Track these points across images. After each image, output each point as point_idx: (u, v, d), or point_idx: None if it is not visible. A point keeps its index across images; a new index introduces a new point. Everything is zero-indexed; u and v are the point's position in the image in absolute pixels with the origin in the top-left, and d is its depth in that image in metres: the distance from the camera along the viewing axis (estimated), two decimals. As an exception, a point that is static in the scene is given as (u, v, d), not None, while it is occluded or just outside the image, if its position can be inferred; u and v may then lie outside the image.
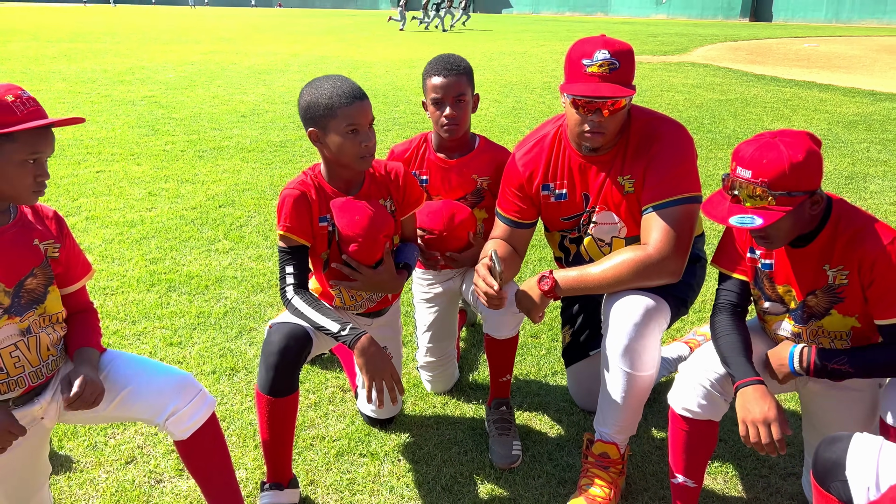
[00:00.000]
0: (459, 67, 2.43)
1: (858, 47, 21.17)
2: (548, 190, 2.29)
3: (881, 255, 1.73)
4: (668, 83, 12.05)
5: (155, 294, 3.60)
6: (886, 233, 1.75)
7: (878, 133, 7.99)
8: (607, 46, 2.02)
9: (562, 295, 2.18)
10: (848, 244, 1.78)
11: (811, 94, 10.91)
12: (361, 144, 2.04)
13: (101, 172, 5.84)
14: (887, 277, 1.74)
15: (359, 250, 2.12)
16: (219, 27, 28.00)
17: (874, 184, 5.87)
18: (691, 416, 1.94)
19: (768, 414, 1.77)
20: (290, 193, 2.09)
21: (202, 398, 1.79)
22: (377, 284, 2.20)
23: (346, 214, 2.11)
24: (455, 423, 2.64)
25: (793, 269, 1.89)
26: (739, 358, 1.88)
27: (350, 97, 2.01)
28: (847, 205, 1.84)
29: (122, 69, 12.88)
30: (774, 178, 1.67)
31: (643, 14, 50.13)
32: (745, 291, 2.02)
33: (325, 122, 2.02)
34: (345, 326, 1.98)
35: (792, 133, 1.73)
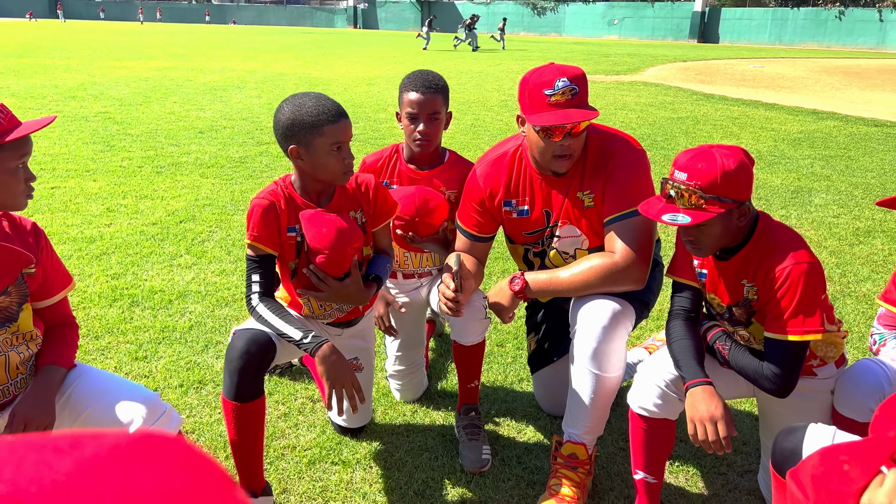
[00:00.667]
0: (437, 86, 2.49)
1: (801, 68, 22.07)
2: (510, 206, 2.37)
3: (781, 274, 1.85)
4: (621, 102, 12.37)
5: (118, 309, 3.56)
6: (798, 254, 1.86)
7: (821, 150, 8.34)
8: (564, 74, 2.11)
9: (531, 296, 2.26)
10: (761, 263, 1.91)
11: (758, 113, 11.33)
12: (345, 161, 2.09)
13: (56, 189, 5.73)
14: (781, 296, 1.86)
15: (326, 262, 2.16)
16: (172, 43, 27.68)
17: (818, 197, 6.14)
18: (648, 414, 2.04)
19: (715, 413, 1.88)
20: (259, 203, 2.12)
21: (168, 418, 1.76)
22: (344, 296, 2.23)
23: (315, 227, 2.14)
24: (425, 430, 2.68)
25: (719, 280, 2.03)
26: (690, 361, 1.99)
27: (336, 115, 2.06)
28: (773, 224, 1.96)
29: (73, 85, 12.64)
30: (707, 182, 1.81)
31: (596, 34, 51.34)
32: (696, 298, 2.14)
33: (309, 139, 2.05)
34: (307, 334, 2.01)
35: (728, 146, 1.89)
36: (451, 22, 59.12)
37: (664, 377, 2.04)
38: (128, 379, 2.34)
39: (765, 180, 6.69)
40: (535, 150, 2.23)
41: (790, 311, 1.85)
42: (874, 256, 4.66)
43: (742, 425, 2.74)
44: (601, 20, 51.85)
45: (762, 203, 5.89)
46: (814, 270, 1.86)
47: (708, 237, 1.89)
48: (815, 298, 1.86)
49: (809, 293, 1.84)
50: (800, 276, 1.83)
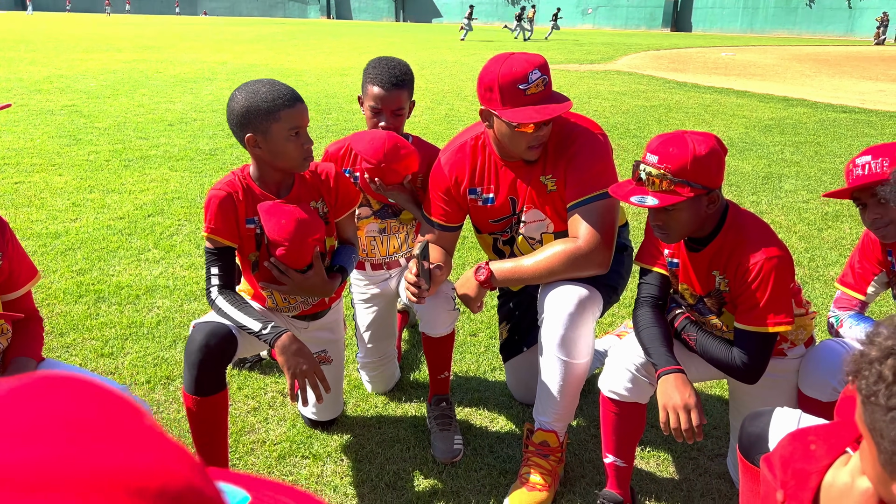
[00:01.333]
0: (402, 81, 2.43)
1: (771, 56, 22.30)
2: (475, 194, 2.35)
3: (753, 268, 1.86)
4: (595, 90, 12.40)
5: (83, 305, 3.49)
6: (769, 249, 1.87)
7: (791, 136, 8.43)
8: (533, 65, 2.09)
9: (497, 285, 2.25)
10: (731, 255, 1.92)
11: (729, 100, 11.43)
12: (304, 146, 2.05)
13: (20, 184, 5.61)
14: (752, 289, 1.87)
15: (286, 254, 2.12)
16: (141, 35, 27.22)
17: (788, 183, 6.20)
18: (619, 398, 2.05)
19: (688, 401, 1.89)
20: (215, 194, 2.08)
21: None
22: (307, 289, 2.20)
23: (273, 218, 2.10)
24: (397, 422, 2.66)
25: (690, 271, 2.03)
26: (660, 348, 1.99)
27: (292, 99, 2.02)
28: (744, 215, 1.96)
29: (38, 78, 12.38)
30: (677, 165, 1.81)
31: (570, 24, 51.39)
32: (664, 285, 2.14)
33: (266, 125, 2.00)
34: (266, 325, 1.98)
35: (701, 133, 1.89)
36: (425, 12, 58.84)
37: (635, 361, 2.05)
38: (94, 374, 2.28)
39: (736, 167, 6.74)
40: (507, 142, 2.20)
41: (762, 305, 1.86)
42: (842, 241, 4.72)
43: (712, 410, 2.76)
44: (575, 9, 51.95)
45: (733, 189, 5.94)
46: (784, 263, 1.87)
47: (676, 222, 1.89)
48: (785, 291, 1.87)
49: (780, 286, 1.86)
50: (771, 270, 1.84)
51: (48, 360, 1.79)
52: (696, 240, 1.98)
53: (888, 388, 0.88)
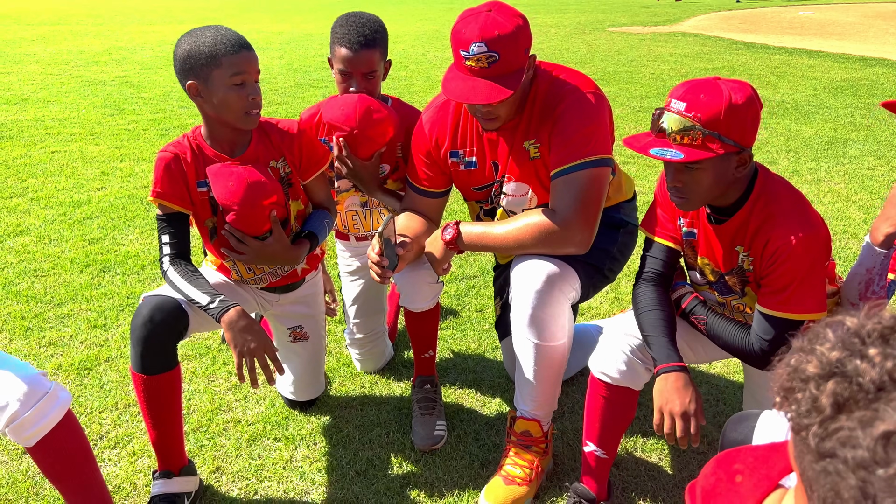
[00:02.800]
0: (373, 40, 2.18)
1: (854, 14, 20.80)
2: (456, 157, 2.12)
3: (783, 247, 1.58)
4: (654, 53, 11.79)
5: (87, 275, 3.44)
6: (800, 225, 1.57)
7: (865, 98, 7.77)
8: (484, 35, 1.77)
9: (464, 248, 2.03)
10: (759, 229, 1.64)
11: (800, 61, 10.66)
12: (248, 98, 1.88)
13: (56, 153, 5.66)
14: (780, 271, 1.60)
15: (238, 220, 1.95)
16: (205, 7, 27.58)
17: (854, 148, 5.68)
18: (611, 381, 1.83)
19: (689, 407, 1.67)
20: (162, 157, 1.93)
21: (51, 400, 1.57)
22: (267, 256, 2.03)
23: (221, 181, 1.93)
24: (381, 404, 2.50)
25: (712, 244, 1.76)
26: (662, 339, 1.75)
27: (236, 45, 1.85)
28: (775, 183, 1.67)
29: (98, 50, 12.63)
30: (709, 115, 1.52)
31: (639, -14, 49.31)
32: (671, 259, 1.88)
33: (207, 72, 1.84)
34: (214, 299, 1.83)
35: (736, 81, 1.59)
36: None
37: (630, 342, 1.82)
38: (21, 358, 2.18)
39: (797, 131, 6.23)
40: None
41: (791, 289, 1.59)
42: (908, 211, 4.25)
43: (731, 398, 2.48)
44: (645, -30, 49.77)
45: (791, 155, 5.48)
46: (819, 242, 1.58)
47: (698, 185, 1.61)
48: (818, 274, 1.60)
49: (813, 269, 1.58)
50: (804, 250, 1.56)
51: None
52: (718, 209, 1.70)
53: (822, 425, 0.62)
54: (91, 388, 2.54)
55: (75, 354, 2.75)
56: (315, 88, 8.70)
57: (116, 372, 2.64)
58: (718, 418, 2.39)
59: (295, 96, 8.04)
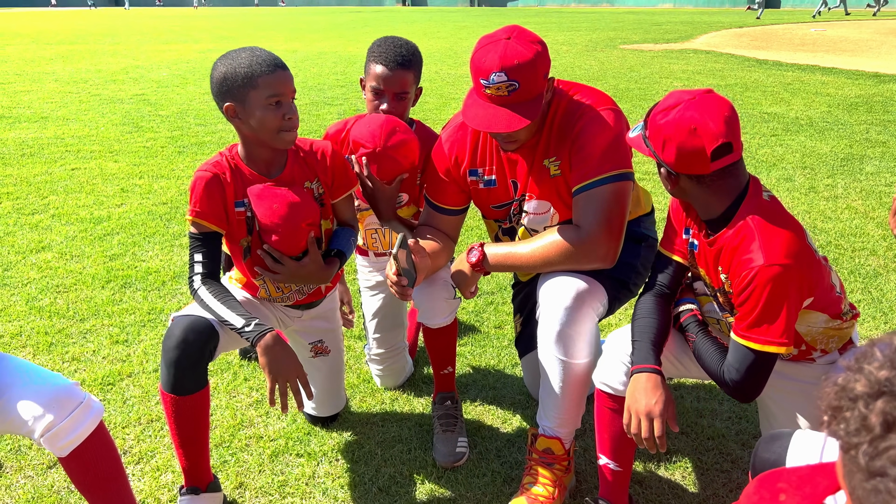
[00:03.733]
0: (409, 61, 2.23)
1: (866, 31, 20.78)
2: (476, 175, 2.14)
3: (748, 274, 1.55)
4: (667, 70, 11.82)
5: (108, 291, 3.48)
6: (772, 253, 1.54)
7: (880, 114, 7.75)
8: (504, 63, 1.79)
9: (490, 270, 2.05)
10: (735, 251, 1.62)
11: (813, 78, 10.65)
12: (285, 117, 1.90)
13: (76, 170, 5.73)
14: (745, 298, 1.58)
15: (280, 241, 1.98)
16: (220, 26, 27.95)
17: (870, 165, 5.66)
18: (614, 392, 1.84)
19: (654, 408, 1.68)
20: (201, 176, 1.95)
21: (85, 410, 1.60)
22: (303, 276, 2.05)
23: (264, 203, 1.97)
24: (402, 420, 2.50)
25: (706, 259, 1.76)
26: (645, 343, 1.78)
27: (271, 66, 1.88)
28: (759, 205, 1.62)
29: (116, 69, 12.81)
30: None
31: (649, 4, 49.68)
32: (677, 274, 1.89)
33: (244, 93, 1.87)
34: (249, 322, 1.83)
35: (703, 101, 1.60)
36: (501, -4, 58.18)
37: (630, 352, 1.82)
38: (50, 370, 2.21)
39: (812, 147, 6.22)
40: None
41: (752, 318, 1.57)
42: (927, 228, 4.23)
43: (753, 416, 2.47)
44: (656, -12, 50.07)
45: (807, 172, 5.46)
46: (788, 275, 1.52)
47: None
48: (782, 307, 1.54)
49: (776, 300, 1.54)
50: (768, 280, 1.52)
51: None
52: (710, 224, 1.71)
53: (873, 444, 0.62)
54: (114, 404, 2.56)
55: (98, 370, 2.77)
56: (330, 106, 8.78)
57: (139, 387, 2.66)
58: (741, 436, 2.38)
59: (310, 114, 8.11)
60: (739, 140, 1.61)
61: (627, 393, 1.72)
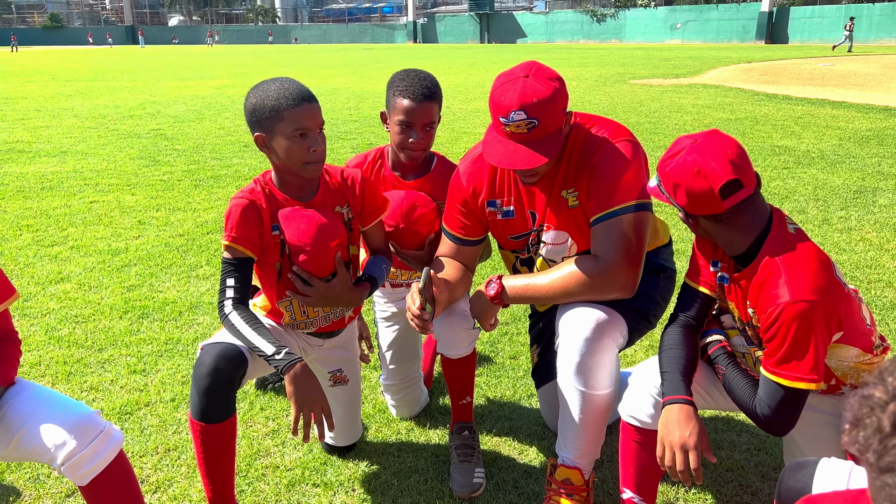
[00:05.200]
0: (434, 92, 2.28)
1: (875, 65, 20.93)
2: (494, 206, 2.17)
3: (775, 310, 1.56)
4: (677, 104, 11.93)
5: (126, 321, 3.51)
6: (799, 290, 1.54)
7: (891, 147, 7.77)
8: (523, 101, 1.82)
9: (509, 302, 2.06)
10: (762, 286, 1.63)
11: (823, 112, 10.72)
12: (310, 149, 1.95)
13: (94, 203, 5.83)
14: (772, 335, 1.58)
15: (308, 260, 2.01)
16: (235, 63, 28.50)
17: (884, 197, 5.67)
18: (640, 425, 1.83)
19: (688, 440, 1.66)
20: (238, 203, 1.99)
21: (105, 439, 1.62)
22: (332, 298, 2.08)
23: (293, 223, 2.01)
24: (418, 450, 2.49)
25: (735, 293, 1.77)
26: (675, 374, 1.77)
27: (297, 99, 1.93)
28: (784, 239, 1.64)
29: (133, 105, 13.07)
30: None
31: (658, 39, 50.25)
32: (704, 305, 1.88)
33: (271, 124, 1.93)
34: (280, 350, 1.85)
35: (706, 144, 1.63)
36: (510, 33, 59.05)
37: (658, 385, 1.82)
38: (72, 397, 2.23)
39: (825, 180, 6.23)
40: None
41: (781, 354, 1.57)
42: (943, 260, 4.22)
43: (773, 448, 2.45)
44: (663, 24, 50.74)
45: (820, 204, 5.47)
46: (816, 311, 1.53)
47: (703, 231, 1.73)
48: (810, 343, 1.54)
49: (803, 337, 1.54)
50: (794, 316, 1.53)
51: (20, 381, 1.72)
52: (738, 258, 1.73)
53: (882, 443, 0.64)
54: (131, 433, 2.57)
55: (116, 399, 2.79)
56: (343, 140, 8.91)
57: (156, 416, 2.67)
58: (761, 468, 2.35)
59: (324, 148, 8.22)
60: (751, 175, 1.62)
61: (660, 425, 1.70)
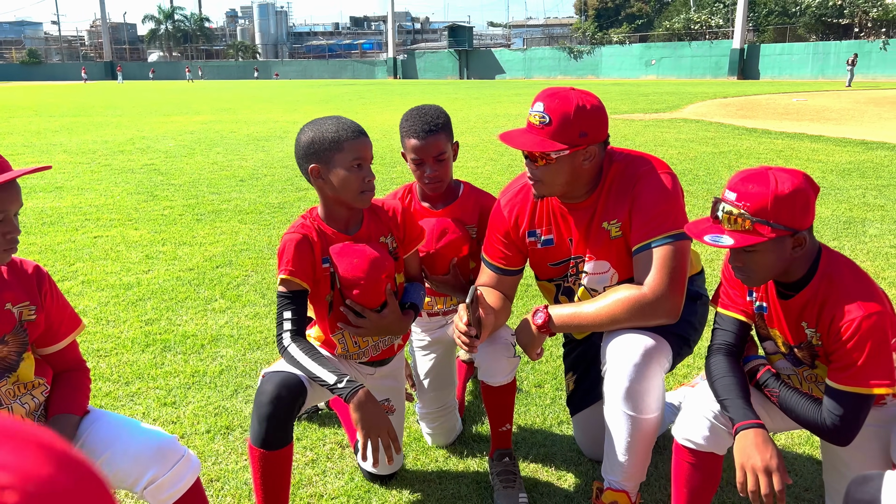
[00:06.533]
0: (437, 126, 2.38)
1: (846, 100, 21.59)
2: (534, 236, 2.27)
3: (849, 326, 1.68)
4: (661, 139, 12.21)
5: (149, 354, 3.52)
6: (867, 304, 1.68)
7: (873, 179, 8.04)
8: (547, 101, 2.03)
9: (556, 331, 2.14)
10: (823, 307, 1.74)
11: (803, 145, 11.04)
12: (365, 179, 2.04)
13: (98, 238, 5.83)
14: (848, 348, 1.69)
15: (361, 294, 2.08)
16: (219, 98, 28.60)
17: (873, 228, 5.86)
18: (695, 447, 1.89)
19: (770, 462, 1.72)
20: (291, 238, 2.06)
21: (186, 463, 1.67)
22: (384, 328, 2.14)
23: (346, 258, 2.08)
24: (458, 477, 2.54)
25: (780, 318, 1.87)
26: (737, 400, 1.84)
27: (356, 132, 2.04)
28: (839, 262, 1.78)
29: (122, 140, 13.07)
30: (757, 204, 1.67)
31: (633, 75, 51.41)
32: (742, 332, 1.98)
33: (329, 156, 2.01)
34: (342, 378, 1.91)
35: (788, 170, 1.73)
36: (488, 69, 59.99)
37: (713, 408, 1.89)
38: (147, 423, 2.26)
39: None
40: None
41: (859, 365, 1.68)
42: (938, 287, 4.38)
43: (802, 469, 2.53)
44: (638, 61, 51.97)
45: (813, 235, 5.64)
46: (885, 320, 1.67)
47: (757, 265, 1.74)
48: (885, 350, 1.68)
49: (880, 346, 1.67)
50: (870, 328, 1.66)
51: (94, 410, 1.76)
52: (785, 285, 1.82)
53: None
54: (171, 465, 2.58)
55: (150, 431, 2.80)
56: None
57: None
58: (792, 489, 2.43)
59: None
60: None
61: (736, 451, 1.76)
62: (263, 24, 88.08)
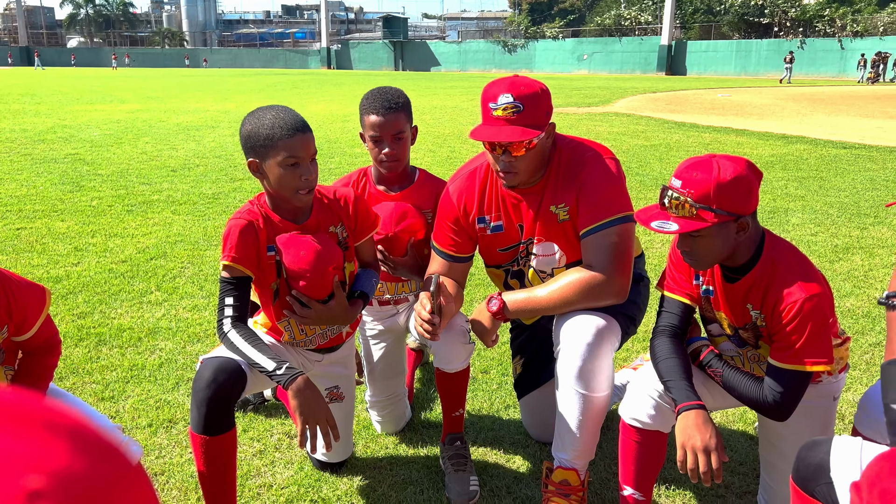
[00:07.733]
0: (398, 104, 2.38)
1: (766, 96, 22.54)
2: (483, 223, 2.30)
3: (791, 307, 1.76)
4: (594, 132, 12.48)
5: (83, 349, 3.40)
6: (808, 286, 1.76)
7: (794, 171, 8.43)
8: (512, 90, 2.02)
9: (511, 317, 2.17)
10: (767, 290, 1.83)
11: (729, 139, 11.48)
12: (301, 178, 1.99)
13: (21, 230, 5.56)
14: (789, 329, 1.78)
15: (307, 286, 2.06)
16: (145, 87, 27.60)
17: (795, 217, 6.16)
18: (641, 426, 1.96)
19: (710, 442, 1.80)
20: (236, 223, 2.02)
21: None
22: (330, 318, 2.13)
23: (292, 249, 2.05)
24: (409, 463, 2.55)
25: (725, 301, 1.95)
26: (680, 382, 1.91)
27: (291, 129, 1.97)
28: (781, 247, 1.87)
29: (42, 129, 12.47)
30: (700, 191, 1.74)
31: (566, 70, 52.28)
32: (686, 314, 2.06)
33: (264, 152, 1.97)
34: (281, 365, 1.89)
35: (732, 157, 1.80)
36: (424, 62, 59.93)
37: (658, 388, 1.97)
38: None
39: (741, 202, 6.70)
40: (489, 163, 2.18)
41: (800, 345, 1.77)
42: (855, 272, 4.65)
43: (737, 445, 2.65)
44: (571, 55, 52.88)
45: (740, 224, 5.88)
46: (824, 301, 1.77)
47: (703, 249, 1.82)
48: (824, 330, 1.78)
49: (819, 326, 1.76)
50: (811, 310, 1.75)
51: (53, 389, 1.71)
52: (731, 269, 1.90)
53: None
54: (111, 460, 2.50)
55: (88, 427, 2.70)
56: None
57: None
58: (727, 464, 2.54)
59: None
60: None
61: (679, 431, 1.83)
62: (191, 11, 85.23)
